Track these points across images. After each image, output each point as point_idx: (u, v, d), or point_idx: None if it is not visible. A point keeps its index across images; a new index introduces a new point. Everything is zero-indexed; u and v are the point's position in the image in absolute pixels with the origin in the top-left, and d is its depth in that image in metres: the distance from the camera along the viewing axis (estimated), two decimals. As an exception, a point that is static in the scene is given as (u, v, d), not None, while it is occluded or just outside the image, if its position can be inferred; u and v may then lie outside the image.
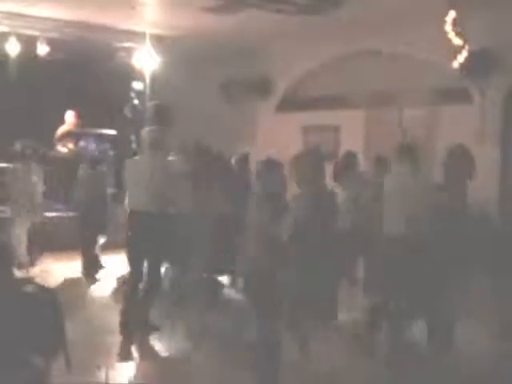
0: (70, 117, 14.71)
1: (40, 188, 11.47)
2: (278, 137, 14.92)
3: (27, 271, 10.77)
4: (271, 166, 6.20)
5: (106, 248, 11.64)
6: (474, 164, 7.31)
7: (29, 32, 13.79)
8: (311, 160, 6.32)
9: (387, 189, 7.33)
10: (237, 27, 13.70)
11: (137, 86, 15.78)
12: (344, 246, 6.85)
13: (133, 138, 15.36)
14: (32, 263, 11.29)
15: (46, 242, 11.57)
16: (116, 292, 10.10)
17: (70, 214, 12.67)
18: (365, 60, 14.55)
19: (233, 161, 10.67)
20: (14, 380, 3.14)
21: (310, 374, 6.21)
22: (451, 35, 10.99)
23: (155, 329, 7.92)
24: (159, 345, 7.65)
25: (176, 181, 7.89)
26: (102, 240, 11.55)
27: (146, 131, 8.02)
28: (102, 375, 3.00)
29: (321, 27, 13.71)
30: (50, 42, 13.98)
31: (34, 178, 11.33)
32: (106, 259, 11.63)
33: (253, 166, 10.32)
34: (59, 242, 11.98)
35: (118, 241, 10.95)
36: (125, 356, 7.09)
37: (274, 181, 5.97)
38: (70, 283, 10.70)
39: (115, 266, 11.09)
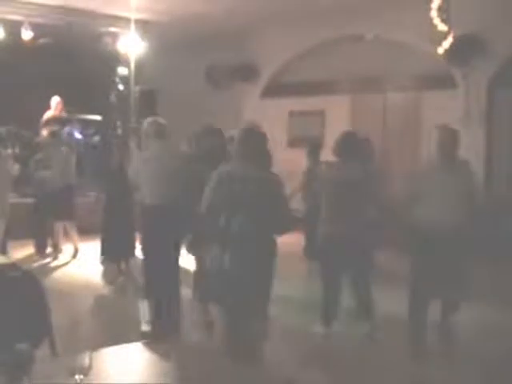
0: (55, 102, 14.66)
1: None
2: (263, 122, 14.87)
3: (9, 257, 10.78)
4: None
5: (79, 233, 11.63)
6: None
7: (13, 17, 13.71)
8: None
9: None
10: (222, 12, 13.69)
11: (122, 71, 15.74)
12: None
13: (118, 123, 15.35)
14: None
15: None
16: (99, 276, 10.18)
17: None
18: (350, 45, 14.59)
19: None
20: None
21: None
22: (436, 21, 11.01)
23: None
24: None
25: (189, 168, 7.68)
26: (61, 225, 11.52)
27: (147, 123, 7.82)
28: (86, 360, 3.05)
29: (305, 13, 13.72)
30: (35, 27, 13.89)
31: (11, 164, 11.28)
32: (85, 245, 11.72)
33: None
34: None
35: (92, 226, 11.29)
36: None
37: None
38: (52, 268, 10.78)
39: (94, 251, 11.12)
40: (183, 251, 7.69)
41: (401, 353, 6.74)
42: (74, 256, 11.44)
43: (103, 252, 10.31)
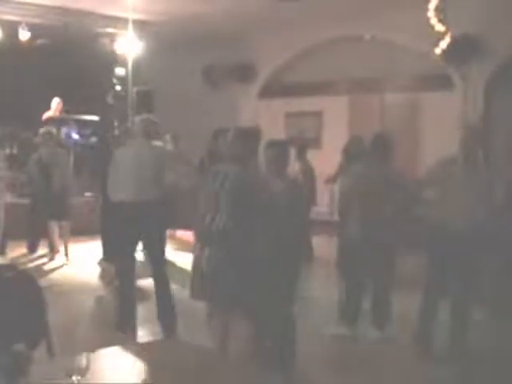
0: (55, 103, 14.67)
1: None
2: (260, 123, 14.89)
3: (6, 257, 10.79)
4: None
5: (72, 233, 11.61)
6: None
7: (10, 17, 13.68)
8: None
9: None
10: (220, 13, 13.66)
11: (119, 71, 15.72)
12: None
13: (115, 124, 15.32)
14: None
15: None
16: (96, 277, 10.16)
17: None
18: (348, 46, 14.58)
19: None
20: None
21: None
22: (434, 21, 11.02)
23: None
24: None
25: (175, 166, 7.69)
26: (56, 225, 11.48)
27: (140, 119, 7.77)
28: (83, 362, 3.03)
29: (303, 13, 13.70)
30: (32, 27, 13.86)
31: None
32: (82, 246, 11.78)
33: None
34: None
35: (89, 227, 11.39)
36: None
37: None
38: (49, 269, 10.75)
39: (91, 251, 11.11)
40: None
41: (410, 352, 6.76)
42: (66, 256, 11.38)
43: (105, 253, 10.30)
